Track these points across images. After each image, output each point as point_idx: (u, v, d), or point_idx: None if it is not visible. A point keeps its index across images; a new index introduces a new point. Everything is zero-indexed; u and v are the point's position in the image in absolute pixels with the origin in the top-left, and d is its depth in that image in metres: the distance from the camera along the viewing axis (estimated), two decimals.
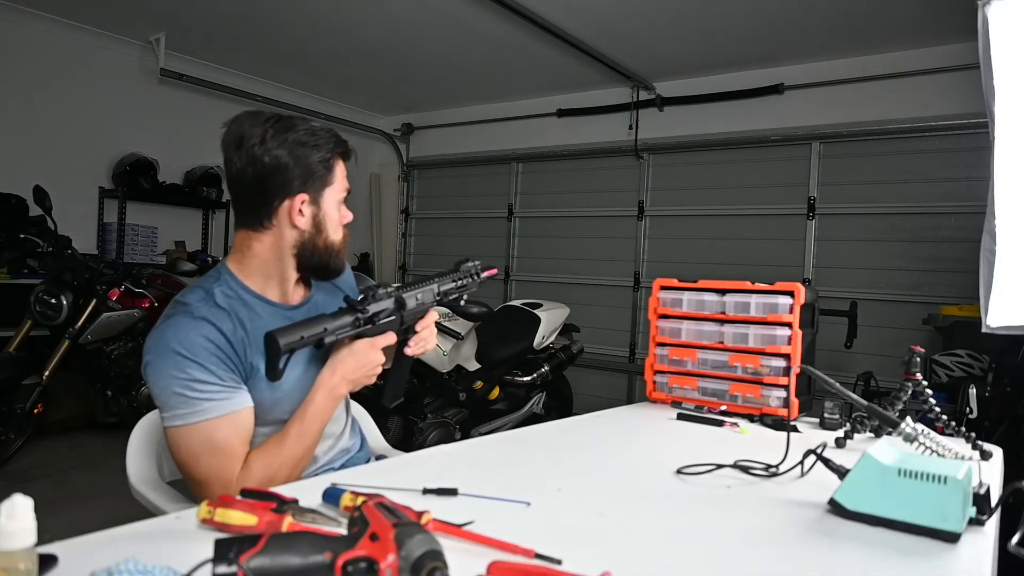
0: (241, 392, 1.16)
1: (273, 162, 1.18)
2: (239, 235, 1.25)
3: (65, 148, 4.55)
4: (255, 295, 1.23)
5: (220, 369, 1.13)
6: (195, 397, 1.11)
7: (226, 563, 0.65)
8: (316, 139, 1.22)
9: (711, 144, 4.94)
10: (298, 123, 1.23)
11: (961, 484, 0.92)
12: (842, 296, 4.13)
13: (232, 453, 1.14)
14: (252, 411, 1.18)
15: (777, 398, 1.79)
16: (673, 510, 1.05)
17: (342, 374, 1.21)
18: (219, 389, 1.13)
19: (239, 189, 1.22)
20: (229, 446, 1.13)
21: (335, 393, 1.22)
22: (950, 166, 4.11)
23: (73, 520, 1.21)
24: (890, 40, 4.10)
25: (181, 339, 1.12)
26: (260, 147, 1.19)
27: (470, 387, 3.55)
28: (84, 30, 4.59)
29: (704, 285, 1.94)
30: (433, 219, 6.50)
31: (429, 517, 0.83)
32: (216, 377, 1.13)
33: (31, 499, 0.56)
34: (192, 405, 1.11)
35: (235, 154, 1.21)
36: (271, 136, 1.19)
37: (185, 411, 1.11)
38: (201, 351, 1.12)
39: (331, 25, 4.36)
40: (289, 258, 1.24)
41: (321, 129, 1.25)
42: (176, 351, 1.11)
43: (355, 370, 1.22)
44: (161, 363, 1.12)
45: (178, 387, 1.11)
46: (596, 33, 4.22)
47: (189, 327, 1.14)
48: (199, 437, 1.12)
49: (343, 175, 1.26)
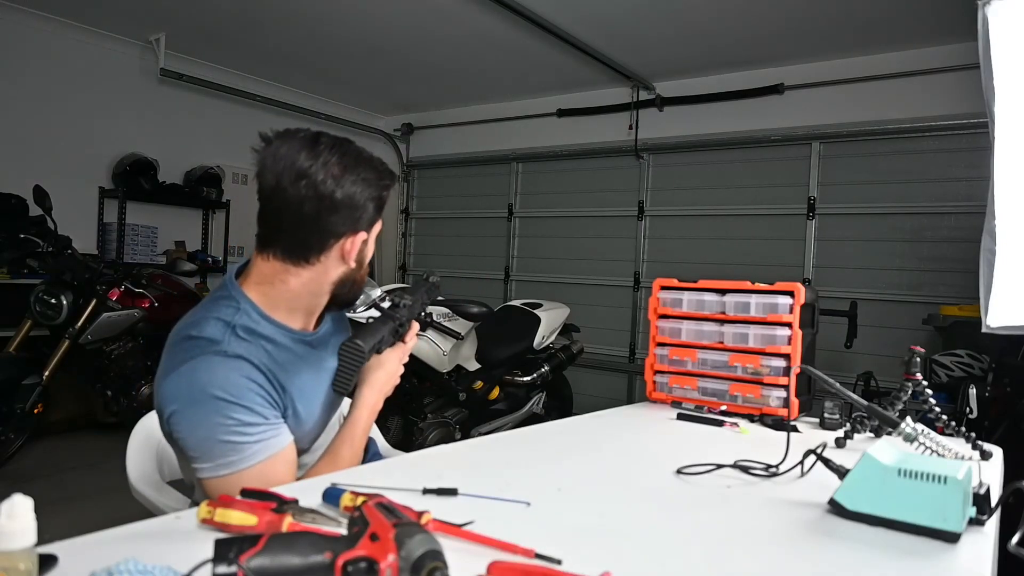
0: (284, 427, 1.12)
1: (346, 199, 1.09)
2: (270, 265, 1.13)
3: (65, 148, 4.55)
4: (279, 326, 1.15)
5: (264, 408, 1.08)
6: (245, 442, 1.04)
7: (226, 563, 0.65)
8: (380, 176, 1.15)
9: (711, 144, 4.94)
10: (361, 153, 1.14)
11: (961, 484, 0.92)
12: (842, 296, 4.13)
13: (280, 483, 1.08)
14: (294, 444, 1.14)
15: (777, 398, 1.79)
16: (673, 510, 1.05)
17: (379, 389, 1.25)
18: (267, 428, 1.07)
19: (291, 221, 1.09)
20: (282, 484, 1.06)
21: (376, 408, 1.26)
22: (950, 166, 4.11)
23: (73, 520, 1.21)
24: (890, 40, 4.10)
25: (221, 383, 1.03)
26: (331, 182, 1.08)
27: (470, 387, 3.55)
28: (84, 30, 4.59)
29: (704, 285, 1.94)
30: (433, 219, 6.50)
31: (429, 517, 0.83)
32: (262, 417, 1.07)
33: (31, 499, 0.56)
34: (243, 451, 1.04)
35: (291, 186, 1.07)
36: (340, 170, 1.09)
37: (235, 458, 1.04)
38: (245, 392, 1.05)
39: (331, 25, 4.36)
40: (326, 294, 1.18)
41: (380, 161, 1.18)
42: (217, 396, 1.03)
43: (387, 383, 1.27)
44: (198, 411, 1.03)
45: (224, 435, 1.03)
46: (596, 33, 4.22)
47: (227, 368, 1.05)
48: (252, 481, 1.03)
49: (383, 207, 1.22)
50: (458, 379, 3.55)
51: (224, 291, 1.16)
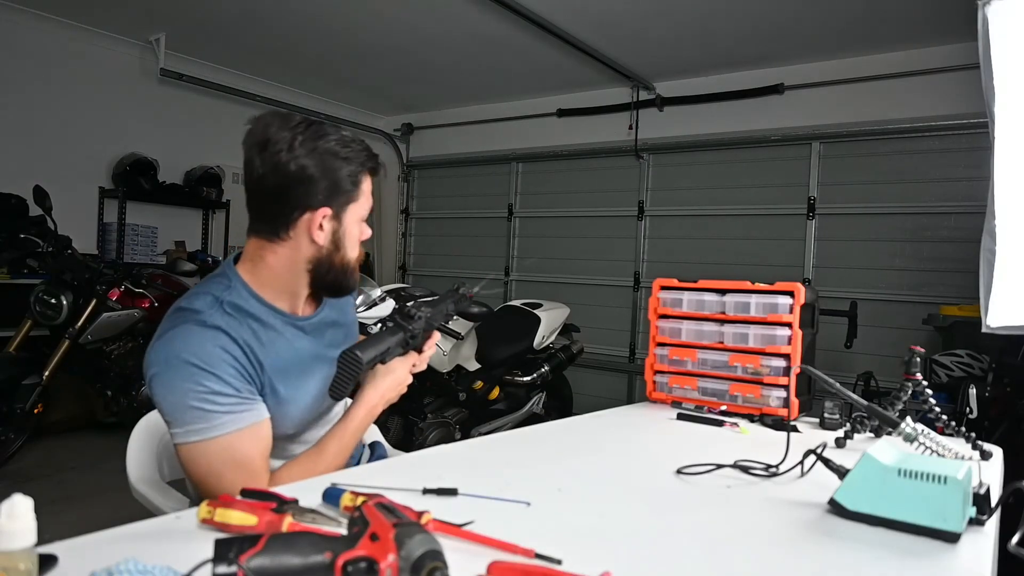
0: (259, 404, 1.12)
1: (298, 171, 1.11)
2: (251, 243, 1.19)
3: (65, 148, 4.55)
4: (267, 305, 1.17)
5: (237, 381, 1.09)
6: (213, 411, 1.05)
7: (226, 563, 0.65)
8: (347, 151, 1.15)
9: (711, 144, 4.94)
10: (329, 131, 1.15)
11: (961, 484, 0.92)
12: (842, 296, 4.13)
13: (255, 468, 1.09)
14: (270, 423, 1.14)
15: (777, 398, 1.79)
16: (673, 510, 1.04)
17: (382, 394, 1.23)
18: (238, 401, 1.08)
19: (258, 195, 1.15)
20: (251, 460, 1.09)
21: (375, 412, 1.23)
22: (950, 166, 4.11)
23: (73, 520, 1.21)
24: (890, 40, 4.10)
25: (195, 350, 1.06)
26: (287, 153, 1.10)
27: (470, 387, 3.55)
28: (84, 30, 4.59)
29: (704, 285, 1.94)
30: (433, 219, 6.50)
31: (429, 517, 0.83)
32: (234, 389, 1.08)
33: (31, 499, 0.56)
34: (211, 419, 1.05)
35: (258, 157, 1.12)
36: (300, 143, 1.11)
37: (203, 426, 1.05)
38: (218, 362, 1.07)
39: (331, 25, 4.36)
40: (303, 273, 1.18)
41: (353, 140, 1.17)
42: (190, 362, 1.05)
43: (392, 389, 1.24)
44: (172, 376, 1.06)
45: (194, 400, 1.05)
46: (596, 33, 4.22)
47: (203, 337, 1.08)
48: (219, 452, 1.06)
49: (369, 191, 1.20)
50: (458, 379, 3.55)
51: (220, 270, 1.21)
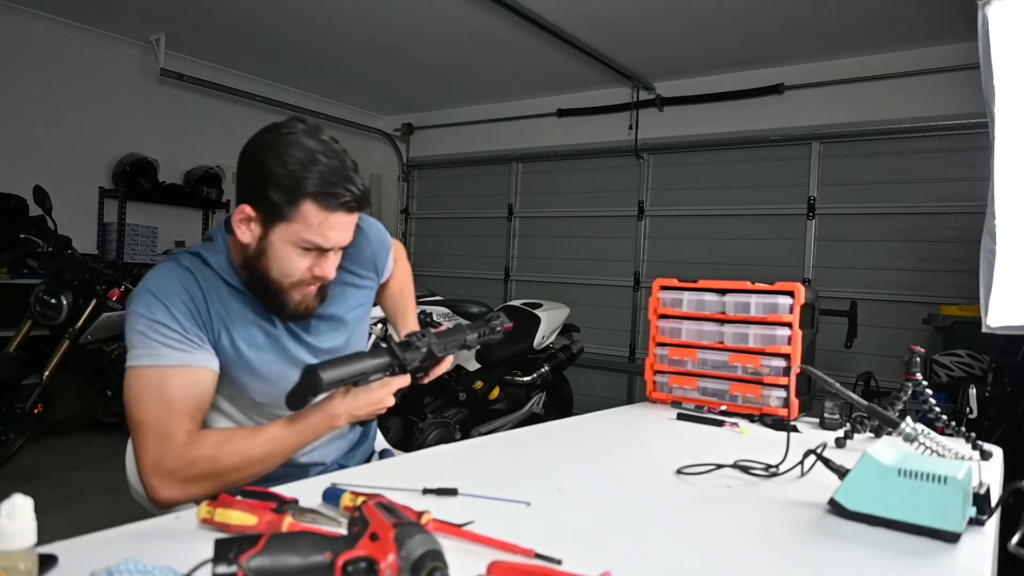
0: (204, 352, 1.11)
1: (247, 161, 1.10)
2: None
3: (65, 148, 4.55)
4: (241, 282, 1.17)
5: (186, 320, 1.10)
6: (154, 339, 1.07)
7: (226, 563, 0.65)
8: (306, 168, 1.06)
9: (711, 144, 4.94)
10: (310, 144, 1.08)
11: (961, 484, 0.92)
12: (842, 296, 4.13)
13: (177, 409, 1.06)
14: (214, 377, 1.13)
15: (777, 398, 1.79)
16: (673, 510, 1.04)
17: (348, 408, 1.10)
18: (180, 339, 1.09)
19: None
20: (176, 400, 1.07)
21: (333, 423, 1.12)
22: (950, 166, 4.11)
23: (73, 520, 1.21)
24: (890, 40, 4.10)
25: (159, 282, 1.12)
26: (256, 139, 1.10)
27: (470, 387, 3.55)
28: (84, 30, 4.59)
29: (704, 285, 1.94)
30: (433, 219, 6.50)
31: (429, 517, 0.83)
32: (180, 326, 1.09)
33: (31, 499, 0.56)
34: (150, 347, 1.07)
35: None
36: (279, 138, 1.08)
37: (142, 352, 1.07)
38: (173, 297, 1.10)
39: (331, 25, 4.36)
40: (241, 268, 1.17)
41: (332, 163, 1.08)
42: (150, 291, 1.10)
43: (363, 408, 1.11)
44: (134, 303, 1.11)
45: (141, 326, 1.08)
46: (596, 33, 4.22)
47: (170, 272, 1.13)
48: (149, 381, 1.07)
49: (316, 222, 1.07)
50: (458, 379, 3.55)
51: (211, 233, 1.23)
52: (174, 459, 1.04)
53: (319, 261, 1.13)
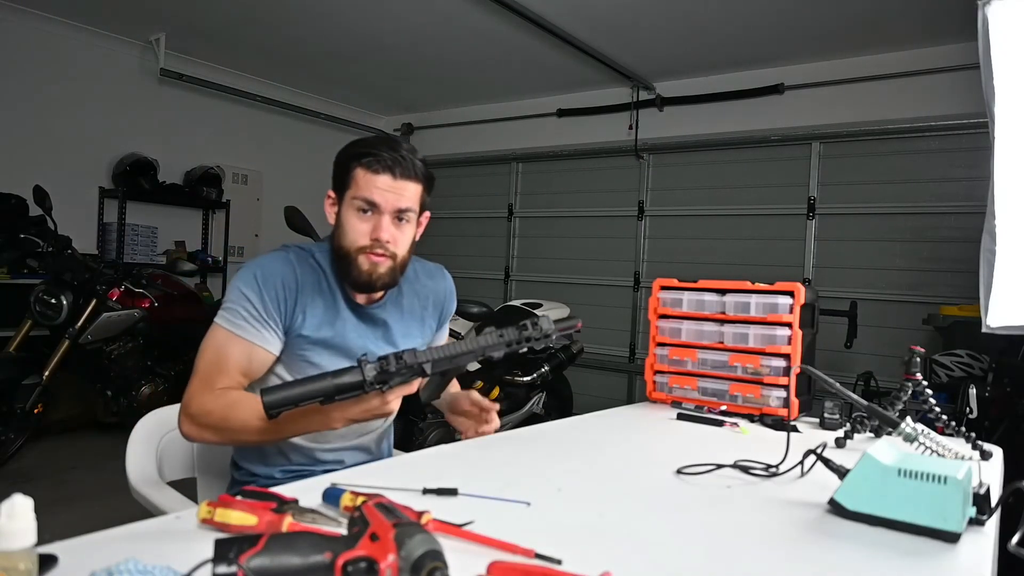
0: (271, 335, 1.27)
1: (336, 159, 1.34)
2: None
3: (65, 148, 4.55)
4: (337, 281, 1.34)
5: (272, 305, 1.26)
6: (239, 310, 1.25)
7: (226, 563, 0.65)
8: (358, 145, 1.31)
9: (711, 144, 4.94)
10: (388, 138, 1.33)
11: (961, 484, 0.92)
12: (842, 296, 4.13)
13: (225, 368, 1.23)
14: (270, 357, 1.28)
15: (777, 398, 1.79)
16: (673, 510, 1.04)
17: (343, 413, 1.13)
18: (258, 319, 1.25)
19: None
20: (228, 361, 1.24)
21: (326, 424, 1.16)
22: (950, 166, 4.11)
23: (73, 520, 1.20)
24: (890, 40, 4.10)
25: (264, 265, 1.29)
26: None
27: (470, 387, 3.55)
28: (84, 30, 4.59)
29: (704, 285, 1.94)
30: (433, 219, 6.43)
31: (429, 517, 0.83)
32: (263, 308, 1.26)
33: (31, 499, 0.56)
34: (234, 315, 1.25)
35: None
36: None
37: (227, 315, 1.26)
38: (268, 283, 1.26)
39: (331, 25, 4.36)
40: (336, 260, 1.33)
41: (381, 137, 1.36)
42: (254, 271, 1.28)
43: (357, 414, 1.13)
44: (241, 274, 1.29)
45: (235, 295, 1.26)
46: (596, 33, 4.22)
47: (275, 261, 1.31)
48: (219, 339, 1.25)
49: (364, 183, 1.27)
50: (458, 379, 3.54)
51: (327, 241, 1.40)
52: (198, 405, 1.20)
53: (375, 225, 1.28)
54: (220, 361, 1.24)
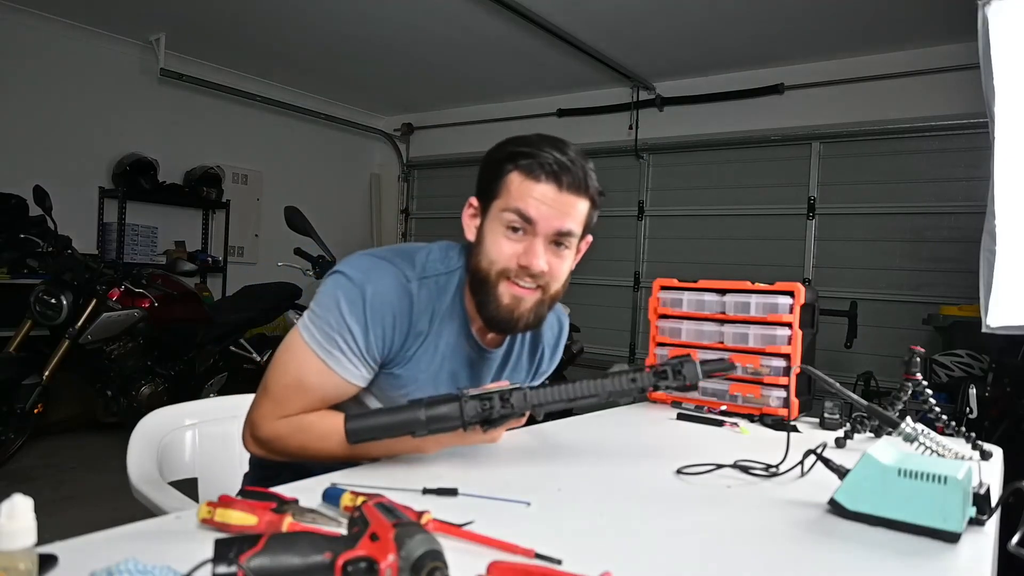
0: (364, 370, 1.09)
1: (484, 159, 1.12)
2: None
3: (65, 148, 4.55)
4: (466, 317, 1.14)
5: (375, 342, 1.06)
6: (335, 337, 1.05)
7: (226, 563, 0.65)
8: (517, 143, 1.07)
9: (711, 144, 4.94)
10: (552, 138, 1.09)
11: (961, 484, 0.92)
12: (842, 296, 4.13)
13: (303, 394, 1.08)
14: (354, 391, 1.11)
15: (777, 398, 1.79)
16: (673, 510, 1.04)
17: (437, 442, 1.07)
18: (354, 354, 1.06)
19: None
20: (308, 387, 1.07)
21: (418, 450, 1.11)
22: (950, 166, 4.11)
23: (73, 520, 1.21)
24: (890, 40, 4.11)
25: (376, 283, 1.05)
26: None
27: None
28: (84, 30, 4.59)
29: (704, 285, 1.94)
30: (433, 219, 6.50)
31: (429, 517, 0.83)
32: (364, 344, 1.06)
33: (31, 499, 0.56)
34: (328, 339, 1.05)
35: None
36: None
37: (320, 336, 1.05)
38: (376, 316, 1.05)
39: (331, 25, 4.36)
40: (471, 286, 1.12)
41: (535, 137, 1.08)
42: (364, 292, 1.04)
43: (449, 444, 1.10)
44: (346, 285, 1.05)
45: (334, 318, 1.04)
46: (596, 33, 4.23)
47: (393, 289, 1.06)
48: (303, 358, 1.06)
49: (520, 192, 1.05)
50: None
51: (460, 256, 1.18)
52: (270, 430, 1.09)
53: (527, 248, 1.06)
54: (302, 388, 1.08)
